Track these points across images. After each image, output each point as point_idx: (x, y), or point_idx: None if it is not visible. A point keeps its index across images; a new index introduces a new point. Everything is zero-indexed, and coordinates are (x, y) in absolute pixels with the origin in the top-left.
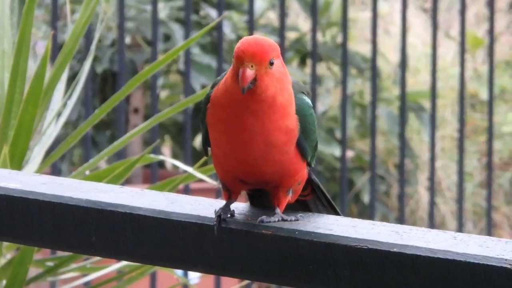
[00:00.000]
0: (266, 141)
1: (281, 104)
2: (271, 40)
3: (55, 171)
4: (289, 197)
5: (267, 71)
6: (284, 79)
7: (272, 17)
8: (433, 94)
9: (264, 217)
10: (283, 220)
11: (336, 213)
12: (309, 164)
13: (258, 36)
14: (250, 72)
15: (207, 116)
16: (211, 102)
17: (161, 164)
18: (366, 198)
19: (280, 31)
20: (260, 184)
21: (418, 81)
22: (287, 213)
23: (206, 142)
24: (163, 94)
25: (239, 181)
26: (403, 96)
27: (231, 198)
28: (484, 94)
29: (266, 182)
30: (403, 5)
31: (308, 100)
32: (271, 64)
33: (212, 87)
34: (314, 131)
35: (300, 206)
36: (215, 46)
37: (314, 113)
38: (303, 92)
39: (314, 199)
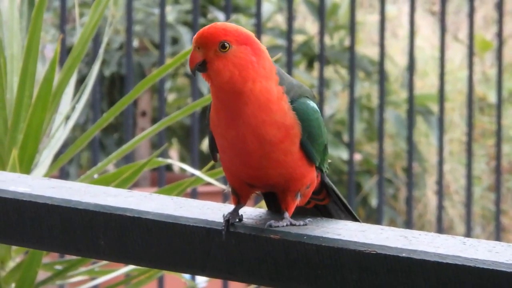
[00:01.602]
0: (257, 136)
1: (252, 95)
2: (236, 26)
3: (63, 174)
4: (298, 201)
5: (218, 54)
6: (251, 68)
7: (280, 20)
8: (441, 97)
9: (272, 221)
10: (291, 224)
11: (354, 218)
12: (320, 169)
13: (223, 22)
14: (195, 54)
15: (211, 123)
16: (211, 109)
17: (168, 167)
18: (373, 202)
19: (288, 34)
20: (267, 187)
21: (425, 84)
22: (296, 217)
23: (213, 148)
24: (171, 97)
25: (247, 185)
26: (411, 99)
27: (240, 202)
28: (492, 97)
29: (273, 186)
30: (411, 8)
31: (313, 104)
32: (224, 47)
33: None
34: (321, 135)
35: (321, 212)
36: None
37: (321, 117)
38: (307, 97)
39: (332, 204)
